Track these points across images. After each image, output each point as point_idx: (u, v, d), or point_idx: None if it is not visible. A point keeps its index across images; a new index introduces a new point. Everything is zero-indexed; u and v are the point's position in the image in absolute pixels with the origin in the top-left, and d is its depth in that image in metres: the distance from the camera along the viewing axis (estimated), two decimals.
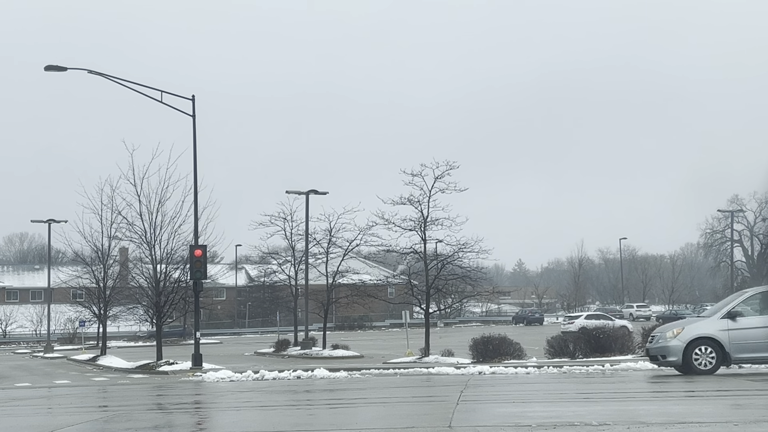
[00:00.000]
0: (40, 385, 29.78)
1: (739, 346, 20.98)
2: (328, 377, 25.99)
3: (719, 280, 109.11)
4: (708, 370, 20.96)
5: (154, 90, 34.49)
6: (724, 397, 16.36)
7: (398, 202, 36.42)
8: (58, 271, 76.90)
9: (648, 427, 11.19)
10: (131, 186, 37.25)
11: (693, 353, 21.08)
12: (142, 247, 38.24)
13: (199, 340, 35.23)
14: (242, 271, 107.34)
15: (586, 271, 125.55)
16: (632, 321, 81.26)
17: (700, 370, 20.96)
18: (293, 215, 48.31)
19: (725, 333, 21.02)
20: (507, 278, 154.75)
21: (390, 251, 41.48)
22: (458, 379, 23.62)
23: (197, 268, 33.93)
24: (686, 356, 21.13)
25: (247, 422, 14.23)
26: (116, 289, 46.69)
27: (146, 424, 13.84)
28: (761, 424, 11.40)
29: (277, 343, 49.70)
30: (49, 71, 34.06)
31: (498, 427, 11.72)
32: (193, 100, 34.74)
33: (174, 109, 34.59)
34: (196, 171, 34.67)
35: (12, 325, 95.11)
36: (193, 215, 35.34)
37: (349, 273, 48.63)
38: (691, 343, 21.13)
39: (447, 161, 35.90)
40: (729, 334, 20.98)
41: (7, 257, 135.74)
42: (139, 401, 19.43)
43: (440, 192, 35.94)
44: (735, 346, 20.97)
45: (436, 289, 37.61)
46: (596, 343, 30.65)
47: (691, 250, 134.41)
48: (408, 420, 13.33)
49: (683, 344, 21.14)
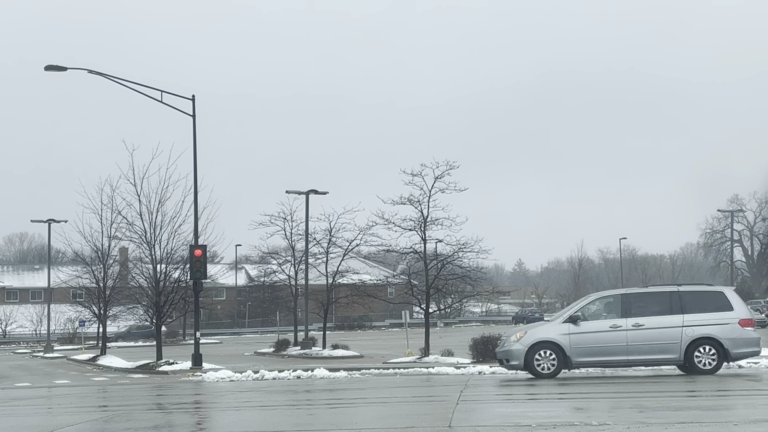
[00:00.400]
0: (40, 385, 29.78)
1: (580, 350, 21.38)
2: (328, 377, 26.00)
3: (719, 280, 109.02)
4: (549, 374, 21.29)
5: (154, 90, 34.50)
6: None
7: (398, 202, 36.42)
8: (58, 271, 76.92)
9: (648, 427, 11.20)
10: (131, 186, 37.26)
11: (535, 357, 21.44)
12: (142, 247, 38.25)
13: (199, 340, 35.22)
14: (242, 271, 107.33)
15: (586, 271, 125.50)
16: None
17: (541, 374, 21.31)
18: (293, 215, 48.32)
19: (566, 337, 21.41)
20: (507, 278, 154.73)
21: (390, 251, 41.47)
22: (458, 379, 23.62)
23: (197, 268, 33.93)
24: (528, 360, 21.49)
25: (247, 422, 14.23)
26: (116, 289, 46.67)
27: (146, 424, 13.85)
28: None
29: (276, 343, 49.67)
30: (49, 71, 34.06)
31: (498, 427, 11.73)
32: (193, 100, 34.74)
33: (174, 109, 34.61)
34: (196, 171, 34.70)
35: (12, 325, 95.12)
36: (193, 215, 35.34)
37: (349, 273, 48.59)
38: (532, 347, 21.50)
39: (447, 161, 35.90)
40: (570, 338, 21.38)
41: (7, 257, 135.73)
42: (139, 401, 19.43)
43: (440, 192, 35.94)
44: (575, 349, 21.37)
45: (436, 289, 37.59)
46: None
47: (691, 250, 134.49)
48: (408, 420, 13.33)
49: (525, 348, 21.53)
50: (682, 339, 21.03)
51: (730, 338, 21.04)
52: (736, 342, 21.10)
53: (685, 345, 21.01)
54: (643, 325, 21.20)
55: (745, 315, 21.58)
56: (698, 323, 21.12)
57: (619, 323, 21.32)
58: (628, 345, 21.18)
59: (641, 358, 21.42)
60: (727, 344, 21.00)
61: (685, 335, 21.02)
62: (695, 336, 21.01)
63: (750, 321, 21.65)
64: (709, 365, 20.97)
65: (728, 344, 21.00)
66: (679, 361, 21.36)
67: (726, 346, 20.99)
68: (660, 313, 21.43)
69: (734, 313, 21.34)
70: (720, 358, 21.04)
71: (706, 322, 21.13)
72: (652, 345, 21.18)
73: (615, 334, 21.26)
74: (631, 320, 21.28)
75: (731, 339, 21.04)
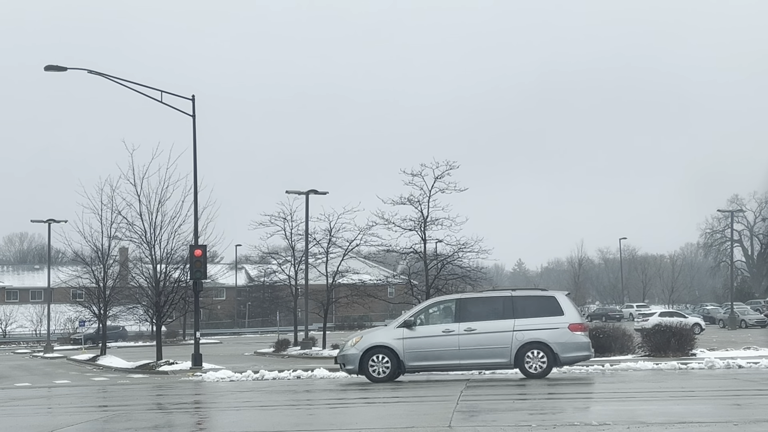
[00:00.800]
0: (40, 385, 29.78)
1: (413, 354, 21.64)
2: (328, 377, 25.98)
3: (719, 279, 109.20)
4: (383, 378, 21.57)
5: (154, 90, 34.50)
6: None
7: (398, 202, 36.48)
8: (58, 271, 76.93)
9: (648, 426, 11.20)
10: (131, 186, 37.28)
11: (369, 361, 21.70)
12: (142, 247, 38.27)
13: (199, 340, 35.22)
14: (242, 271, 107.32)
15: (586, 271, 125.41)
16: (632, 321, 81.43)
17: (375, 378, 21.63)
18: (293, 215, 48.35)
19: (400, 341, 21.69)
20: (507, 278, 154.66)
21: (390, 251, 41.52)
22: (458, 378, 23.61)
23: (197, 268, 33.93)
24: (363, 364, 21.77)
25: (247, 422, 14.23)
26: (116, 289, 46.68)
27: (146, 424, 13.85)
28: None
29: (277, 343, 49.68)
30: (49, 71, 34.05)
31: (498, 426, 11.73)
32: (193, 100, 34.74)
33: (174, 109, 34.60)
34: (196, 171, 34.71)
35: (12, 325, 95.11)
36: (193, 215, 35.34)
37: (349, 273, 48.63)
38: (367, 352, 21.79)
39: (447, 161, 35.97)
40: (404, 342, 21.66)
41: (7, 257, 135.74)
42: (139, 401, 19.43)
43: (440, 192, 36.01)
44: (409, 354, 21.63)
45: (436, 289, 37.60)
46: (596, 342, 30.52)
47: (691, 250, 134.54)
48: (408, 420, 13.34)
49: (360, 353, 21.84)
50: (513, 343, 21.29)
51: (559, 343, 21.31)
52: (566, 346, 21.38)
53: (516, 349, 21.26)
54: (475, 329, 21.47)
55: (575, 320, 21.69)
56: (529, 328, 21.39)
57: (451, 328, 21.62)
58: (460, 349, 21.47)
59: (473, 362, 21.76)
60: (557, 348, 21.29)
61: (516, 339, 21.30)
62: (525, 340, 21.29)
63: (580, 326, 21.80)
64: (539, 369, 21.26)
65: (558, 348, 21.30)
66: (509, 365, 21.64)
67: (555, 350, 21.29)
68: (493, 317, 21.68)
69: (565, 318, 21.55)
70: (550, 362, 21.33)
71: (536, 327, 21.40)
72: (484, 349, 21.46)
73: (447, 339, 21.55)
74: (464, 325, 21.56)
75: (561, 343, 21.31)
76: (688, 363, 26.25)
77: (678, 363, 26.19)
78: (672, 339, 30.23)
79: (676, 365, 25.73)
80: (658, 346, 29.94)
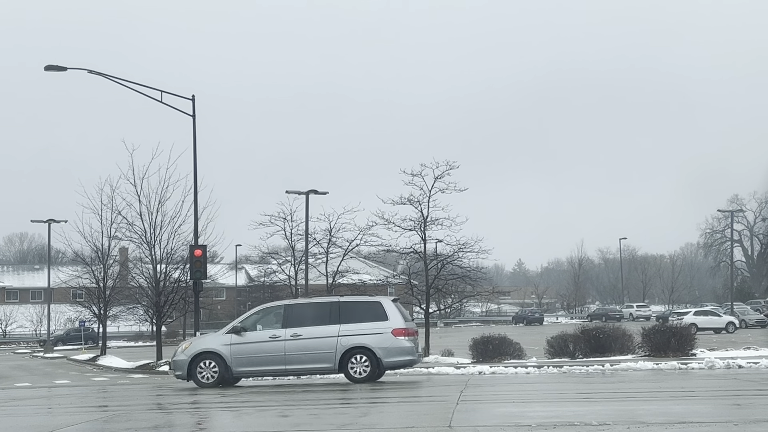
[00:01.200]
0: (40, 385, 29.78)
1: (240, 360, 21.91)
2: (327, 377, 25.95)
3: (719, 280, 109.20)
4: (211, 384, 21.75)
5: (154, 90, 34.47)
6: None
7: (398, 202, 36.44)
8: (58, 271, 76.88)
9: (648, 426, 11.20)
10: (131, 186, 37.32)
11: (197, 367, 21.89)
12: (142, 247, 38.31)
13: None
14: (242, 271, 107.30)
15: (586, 271, 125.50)
16: (632, 321, 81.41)
17: (203, 384, 21.79)
18: (293, 215, 48.30)
19: (228, 347, 21.97)
20: (507, 278, 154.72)
21: (390, 251, 41.49)
22: (458, 378, 23.64)
23: (197, 268, 33.92)
24: (191, 370, 21.95)
25: (247, 422, 14.24)
26: (116, 289, 46.69)
27: (146, 424, 13.85)
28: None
29: None
30: (49, 71, 34.01)
31: (498, 427, 11.73)
32: (193, 100, 34.72)
33: (174, 109, 34.58)
34: (196, 171, 34.69)
35: (12, 325, 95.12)
36: (193, 215, 35.34)
37: (349, 273, 48.58)
38: (195, 358, 22.01)
39: (447, 161, 35.94)
40: (231, 348, 21.94)
41: (7, 257, 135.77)
42: (139, 401, 19.43)
43: (440, 192, 35.97)
44: (236, 359, 21.91)
45: (436, 289, 37.60)
46: (596, 342, 30.65)
47: (691, 250, 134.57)
48: (408, 420, 13.34)
49: (188, 358, 22.07)
50: (337, 348, 21.58)
51: (382, 347, 21.59)
52: (389, 351, 21.65)
53: (340, 354, 21.56)
54: (301, 335, 21.79)
55: (399, 325, 21.89)
56: (353, 333, 21.68)
57: (278, 333, 21.91)
58: (286, 354, 21.73)
59: (299, 367, 22.04)
60: (380, 353, 21.58)
61: (340, 345, 21.59)
62: (350, 345, 21.59)
63: (404, 330, 21.93)
64: (362, 374, 21.55)
65: (381, 353, 21.58)
66: (333, 370, 21.94)
67: (379, 355, 21.58)
68: (319, 323, 22.01)
69: (389, 323, 21.80)
70: (373, 367, 21.59)
71: (361, 332, 21.69)
72: (309, 354, 21.75)
73: (274, 344, 21.81)
74: (291, 330, 21.84)
75: (384, 348, 21.60)
76: (688, 363, 26.26)
77: (678, 363, 26.20)
78: (672, 339, 30.23)
79: (676, 365, 25.74)
80: (658, 346, 29.94)
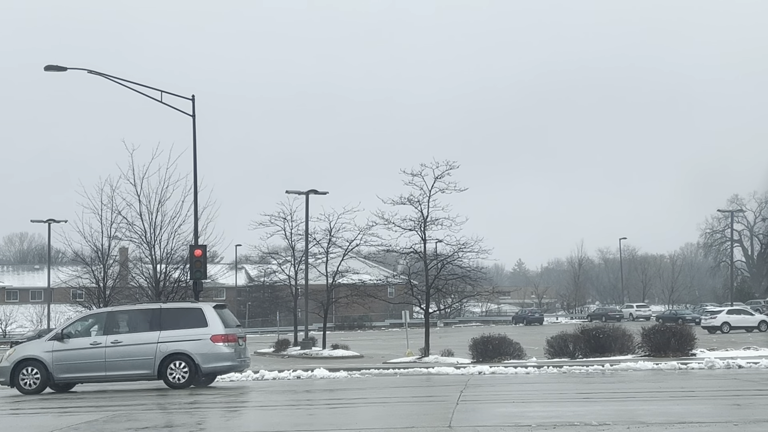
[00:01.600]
0: None
1: (62, 367, 22.11)
2: (327, 377, 25.99)
3: (719, 280, 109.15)
4: (33, 390, 21.86)
5: (154, 90, 34.41)
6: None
7: (398, 202, 36.41)
8: (58, 271, 76.86)
9: (648, 427, 11.20)
10: (131, 186, 37.23)
11: (20, 374, 22.01)
12: (142, 247, 38.26)
13: None
14: (242, 271, 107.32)
15: (586, 271, 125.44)
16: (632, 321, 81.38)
17: (26, 390, 21.87)
18: (293, 215, 48.34)
19: (50, 354, 22.18)
20: (507, 278, 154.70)
21: (390, 251, 41.47)
22: (458, 379, 23.63)
23: (197, 268, 33.90)
24: (14, 377, 22.13)
25: (247, 422, 14.24)
26: (116, 289, 46.63)
27: (146, 424, 13.85)
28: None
29: (276, 343, 49.69)
30: (49, 71, 33.95)
31: (498, 427, 11.73)
32: (193, 100, 34.69)
33: (174, 109, 34.53)
34: (196, 171, 34.64)
35: (12, 325, 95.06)
36: (193, 215, 35.30)
37: (349, 273, 48.62)
38: (18, 364, 22.20)
39: (447, 161, 35.89)
40: (53, 355, 22.17)
41: (7, 257, 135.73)
42: (139, 401, 19.43)
43: (440, 192, 35.93)
44: (58, 366, 22.00)
45: (436, 289, 37.58)
46: (596, 342, 30.63)
47: (691, 250, 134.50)
48: (408, 420, 13.34)
49: (11, 365, 22.29)
50: (157, 354, 21.73)
51: (201, 353, 21.84)
52: (207, 357, 21.91)
53: (159, 360, 21.69)
54: (121, 341, 22.06)
55: (218, 331, 22.09)
56: (173, 339, 21.89)
57: (99, 340, 22.08)
58: (106, 361, 21.94)
59: (119, 373, 22.18)
60: (198, 359, 21.82)
61: (160, 351, 21.74)
62: (169, 351, 21.72)
63: (223, 337, 22.14)
64: (181, 380, 21.72)
65: (199, 359, 21.83)
66: (153, 377, 22.05)
67: (197, 361, 21.82)
68: (140, 330, 22.28)
69: (208, 329, 22.03)
70: (192, 373, 21.80)
71: (180, 339, 21.91)
72: (128, 361, 21.95)
73: (95, 351, 22.02)
74: (111, 337, 22.08)
75: (202, 354, 21.84)
76: (688, 363, 26.26)
77: (678, 363, 26.19)
78: (672, 339, 30.23)
79: (676, 365, 25.74)
80: (658, 346, 29.94)
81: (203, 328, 21.95)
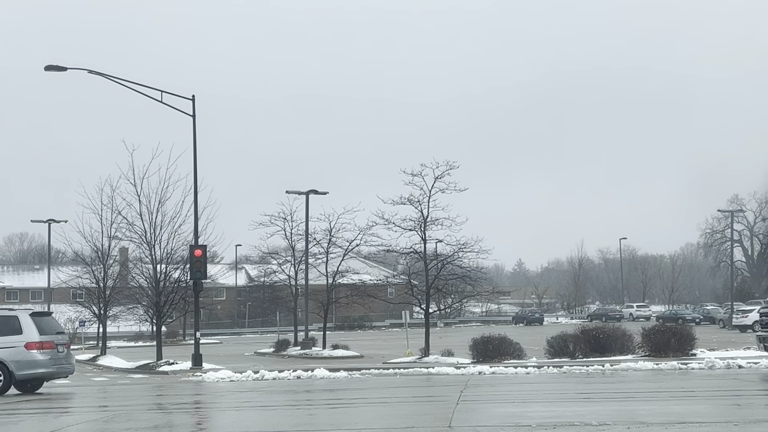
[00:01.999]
0: None
1: None
2: (328, 377, 26.00)
3: (719, 280, 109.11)
4: None
5: (154, 90, 34.47)
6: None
7: (398, 202, 36.40)
8: (58, 271, 76.88)
9: (648, 427, 11.21)
10: (131, 186, 37.22)
11: None
12: (142, 247, 38.24)
13: (199, 340, 35.22)
14: (242, 271, 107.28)
15: (586, 271, 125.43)
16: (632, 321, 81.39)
17: None
18: (293, 215, 48.35)
19: None
20: (507, 278, 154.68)
21: (390, 251, 41.46)
22: (458, 379, 23.64)
23: (197, 268, 33.93)
24: None
25: (247, 422, 14.24)
26: (116, 289, 46.67)
27: (146, 424, 13.86)
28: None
29: (277, 343, 49.68)
30: (49, 71, 34.00)
31: (498, 427, 11.74)
32: (193, 100, 34.73)
33: (174, 109, 34.58)
34: (196, 171, 34.69)
35: None
36: (193, 215, 35.33)
37: (349, 273, 48.60)
38: None
39: (447, 161, 35.89)
40: None
41: (7, 257, 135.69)
42: (139, 401, 19.44)
43: (440, 192, 35.93)
44: None
45: (436, 289, 37.57)
46: (596, 343, 30.64)
47: (691, 250, 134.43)
48: (408, 420, 13.34)
49: None
50: None
51: (15, 361, 22.07)
52: (21, 364, 22.13)
53: None
54: None
55: (33, 339, 22.26)
56: None
57: None
58: None
59: None
60: (12, 366, 22.08)
61: None
62: None
63: (38, 344, 22.29)
64: None
65: (13, 366, 22.09)
66: None
67: (11, 368, 22.08)
68: None
69: (23, 336, 22.22)
70: (7, 380, 21.98)
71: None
72: None
73: None
74: None
75: (17, 362, 22.08)
76: (688, 363, 26.26)
77: (678, 363, 26.20)
78: (672, 339, 30.23)
79: (676, 365, 25.75)
80: (658, 346, 29.95)
81: (18, 336, 22.17)
